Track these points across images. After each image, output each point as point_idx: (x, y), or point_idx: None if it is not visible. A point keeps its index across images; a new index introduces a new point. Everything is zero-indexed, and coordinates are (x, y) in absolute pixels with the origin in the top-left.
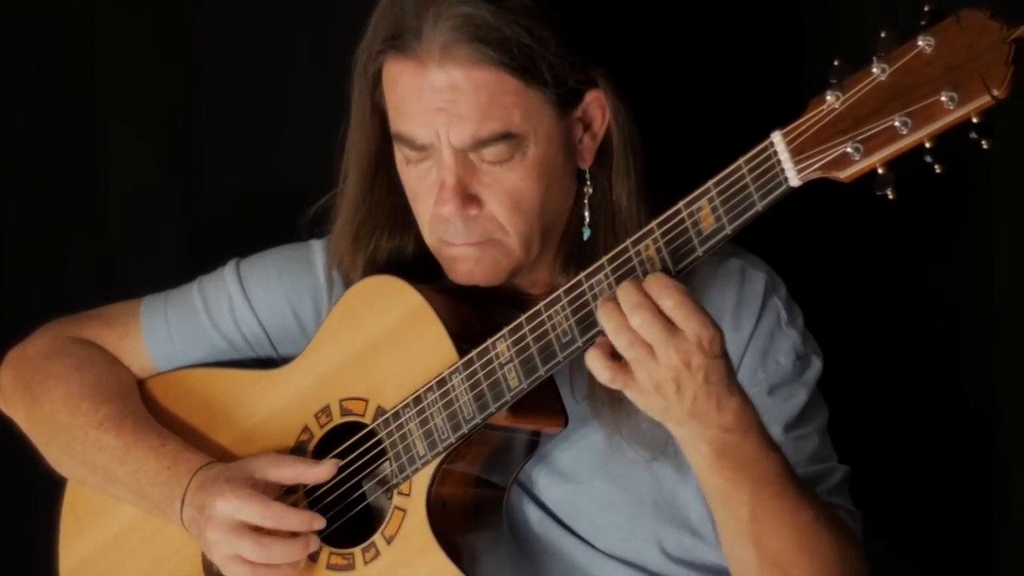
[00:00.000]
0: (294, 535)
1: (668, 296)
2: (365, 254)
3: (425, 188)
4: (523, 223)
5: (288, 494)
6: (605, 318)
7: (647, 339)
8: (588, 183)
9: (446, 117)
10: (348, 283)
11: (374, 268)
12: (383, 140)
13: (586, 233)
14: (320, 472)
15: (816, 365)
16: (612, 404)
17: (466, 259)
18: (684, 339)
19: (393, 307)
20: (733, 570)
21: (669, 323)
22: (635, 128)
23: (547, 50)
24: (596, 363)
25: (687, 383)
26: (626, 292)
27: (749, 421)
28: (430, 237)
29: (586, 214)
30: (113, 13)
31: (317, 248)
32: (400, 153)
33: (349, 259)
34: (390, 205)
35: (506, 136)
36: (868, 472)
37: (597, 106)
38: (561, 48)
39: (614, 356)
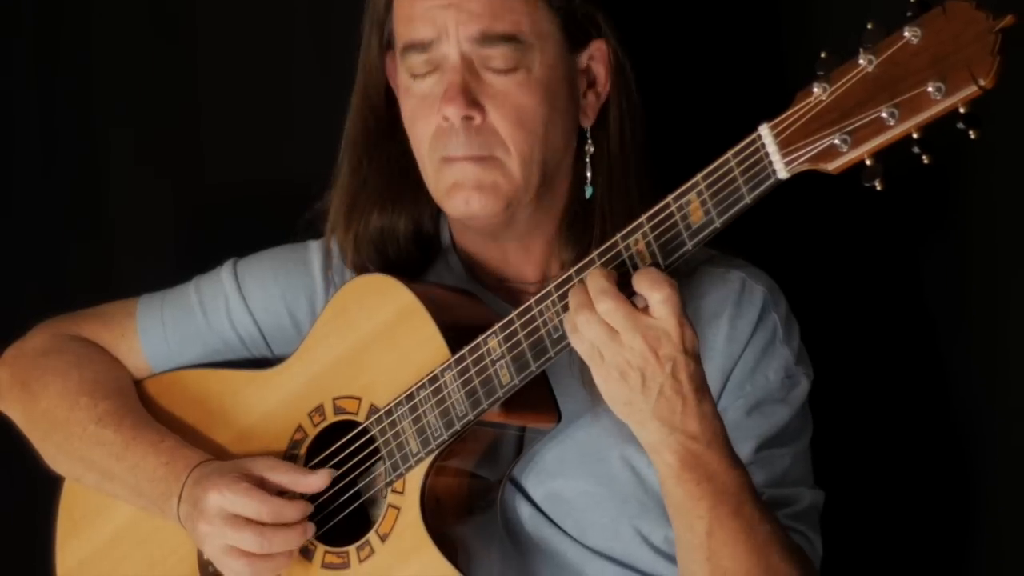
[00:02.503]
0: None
1: (658, 290)
2: (357, 226)
3: (427, 104)
4: (525, 142)
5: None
6: (571, 296)
7: (613, 324)
8: (589, 141)
9: (455, 12)
10: (343, 253)
11: (366, 240)
12: (379, 118)
13: (588, 191)
14: (313, 482)
15: (803, 385)
16: None
17: (465, 181)
18: (654, 327)
19: (385, 305)
20: None
21: (635, 311)
22: (635, 89)
23: None
24: (569, 324)
25: (653, 373)
26: (594, 278)
27: (714, 432)
28: (430, 162)
29: (588, 173)
30: (112, 10)
31: (314, 249)
32: (405, 74)
33: (342, 230)
34: (382, 183)
35: (513, 39)
36: (859, 481)
37: (601, 60)
38: None
39: None
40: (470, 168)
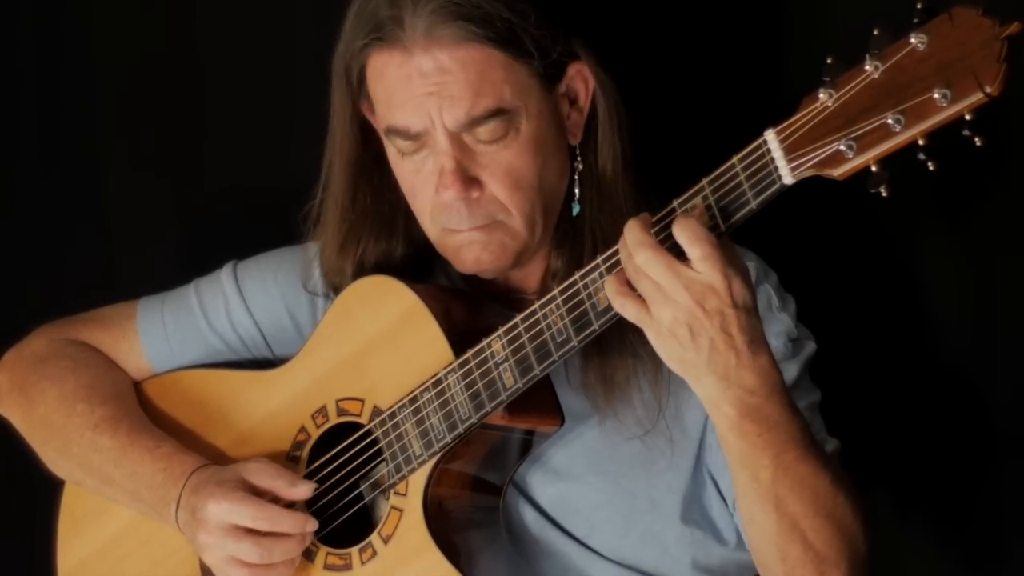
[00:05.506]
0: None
1: (697, 247)
2: (353, 261)
3: (422, 180)
4: (524, 200)
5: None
6: (620, 249)
7: (653, 278)
8: (578, 159)
9: (437, 100)
10: (337, 291)
11: (362, 273)
12: (364, 148)
13: (575, 208)
14: (295, 492)
15: (810, 347)
16: (604, 384)
17: (472, 245)
18: (697, 280)
19: (388, 307)
20: (751, 538)
21: (675, 262)
22: (619, 99)
23: (527, 23)
24: (611, 288)
25: (701, 327)
26: (632, 230)
27: (773, 384)
28: (433, 228)
29: (576, 190)
30: (113, 11)
31: (313, 250)
32: (393, 148)
33: (337, 267)
34: (375, 212)
35: (499, 112)
36: (858, 464)
37: (579, 79)
38: (540, 20)
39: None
40: (476, 235)
